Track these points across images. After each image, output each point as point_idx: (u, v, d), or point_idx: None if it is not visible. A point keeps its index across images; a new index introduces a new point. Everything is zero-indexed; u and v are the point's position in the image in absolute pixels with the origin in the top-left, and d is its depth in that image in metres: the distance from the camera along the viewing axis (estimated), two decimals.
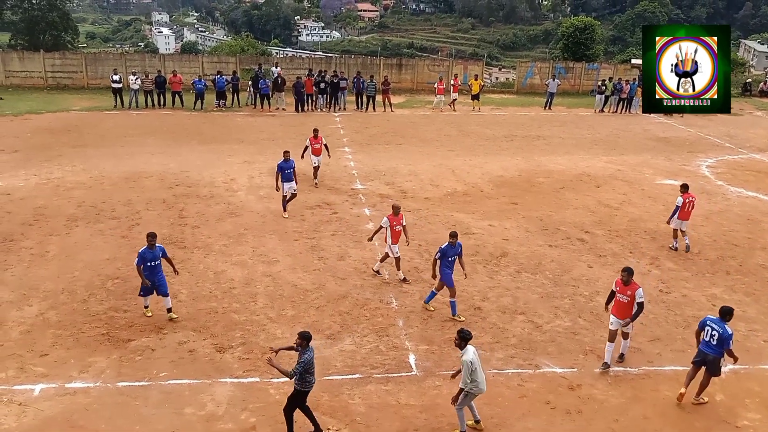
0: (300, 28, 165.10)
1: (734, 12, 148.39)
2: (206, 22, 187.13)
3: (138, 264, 11.32)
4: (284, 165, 16.22)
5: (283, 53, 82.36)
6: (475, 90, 31.96)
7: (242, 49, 42.14)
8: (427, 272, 13.71)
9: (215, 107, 29.80)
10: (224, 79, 29.91)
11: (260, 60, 35.73)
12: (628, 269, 10.50)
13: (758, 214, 18.04)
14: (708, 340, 9.49)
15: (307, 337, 8.65)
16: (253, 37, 58.99)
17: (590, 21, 45.69)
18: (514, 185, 19.97)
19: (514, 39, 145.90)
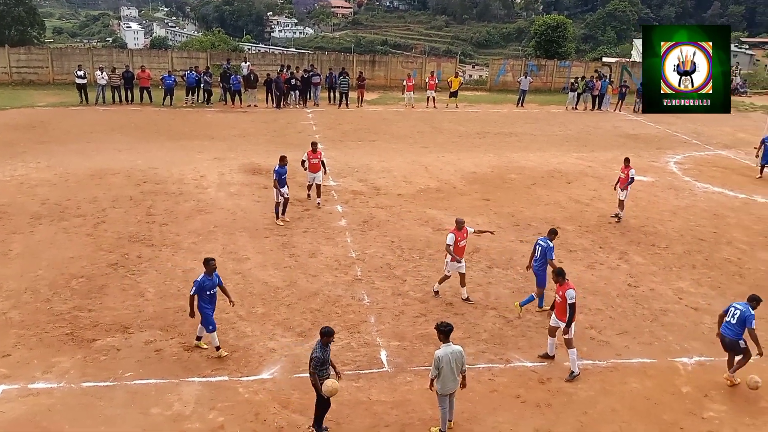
0: (273, 24, 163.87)
1: (703, 11, 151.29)
2: (176, 17, 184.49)
3: (194, 294, 10.18)
4: (281, 170, 15.52)
5: (255, 49, 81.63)
6: (455, 87, 32.08)
7: (213, 45, 41.73)
8: (399, 269, 13.74)
9: (185, 103, 29.37)
10: (194, 75, 29.50)
11: (230, 56, 35.39)
12: (559, 270, 10.37)
13: (724, 209, 18.38)
14: (729, 320, 9.94)
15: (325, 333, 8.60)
16: (225, 32, 58.44)
17: (562, 19, 46.13)
18: (486, 182, 20.05)
19: (488, 37, 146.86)
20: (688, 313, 12.47)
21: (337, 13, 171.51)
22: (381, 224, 16.14)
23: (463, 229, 12.26)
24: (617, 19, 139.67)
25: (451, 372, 8.64)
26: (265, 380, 9.96)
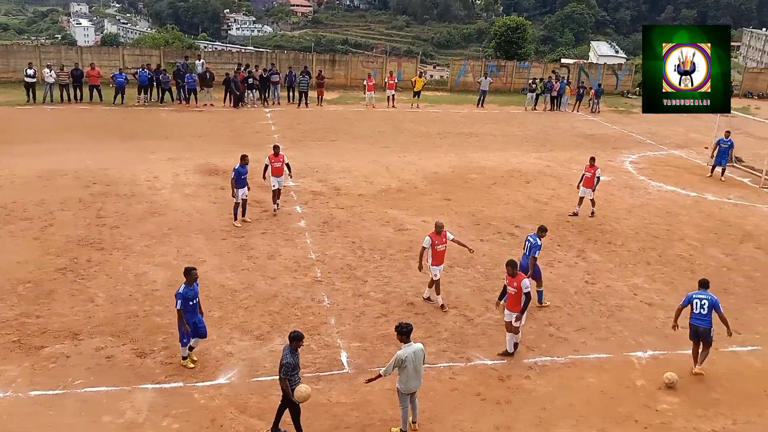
0: (230, 22, 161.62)
1: (656, 15, 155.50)
2: (129, 13, 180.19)
3: (180, 307, 9.70)
4: (241, 170, 15.12)
5: (211, 47, 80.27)
6: (418, 87, 32.18)
7: (167, 42, 40.90)
8: (359, 269, 13.64)
9: (137, 102, 28.70)
10: (146, 73, 28.83)
11: (186, 53, 34.76)
12: (510, 262, 10.59)
13: (676, 207, 18.83)
14: (698, 312, 10.32)
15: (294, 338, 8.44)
16: (179, 29, 57.35)
17: (521, 21, 46.81)
18: (447, 181, 20.12)
19: (449, 37, 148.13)
20: (642, 309, 12.71)
21: (297, 11, 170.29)
22: (341, 225, 16.01)
23: (442, 233, 11.94)
24: (575, 21, 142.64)
25: (414, 371, 8.61)
26: (221, 385, 9.74)
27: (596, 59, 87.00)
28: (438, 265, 12.02)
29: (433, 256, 11.96)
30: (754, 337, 11.91)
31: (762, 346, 11.60)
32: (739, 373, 10.77)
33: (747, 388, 10.34)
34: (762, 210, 18.99)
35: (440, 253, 11.99)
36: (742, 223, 17.72)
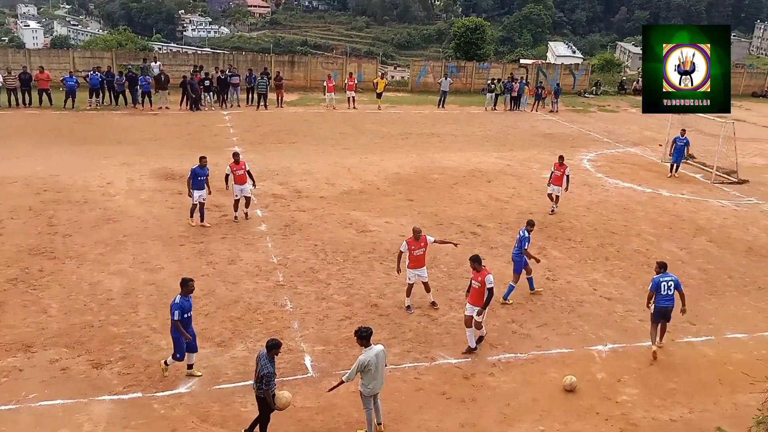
0: (185, 23, 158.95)
1: (611, 16, 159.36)
2: (79, 15, 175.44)
3: (177, 318, 9.39)
4: (199, 171, 15.03)
5: (166, 49, 78.63)
6: (380, 88, 32.22)
7: (120, 44, 40.01)
8: (322, 272, 13.54)
9: (89, 106, 28.01)
10: (98, 76, 28.14)
11: (140, 55, 34.12)
12: (474, 257, 10.80)
13: (633, 203, 19.26)
14: (666, 293, 10.94)
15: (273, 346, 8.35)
16: (133, 31, 56.16)
17: (481, 22, 47.28)
18: (409, 182, 20.15)
19: (409, 38, 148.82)
20: (602, 303, 12.94)
21: (254, 12, 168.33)
22: (303, 228, 15.87)
23: (421, 238, 11.90)
24: (533, 22, 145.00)
25: (379, 372, 8.60)
26: (182, 394, 9.53)
27: (554, 59, 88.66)
28: (415, 269, 12.01)
29: (410, 260, 11.98)
30: (708, 327, 12.26)
31: (715, 336, 11.95)
32: (694, 363, 11.06)
33: (702, 378, 10.62)
34: (713, 205, 19.58)
35: (418, 257, 11.97)
36: (695, 218, 18.22)
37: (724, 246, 16.24)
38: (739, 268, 14.97)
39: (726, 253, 15.84)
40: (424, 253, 12.03)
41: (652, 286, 11.10)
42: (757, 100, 40.39)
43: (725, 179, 22.14)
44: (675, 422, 9.49)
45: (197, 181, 15.06)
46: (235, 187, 15.61)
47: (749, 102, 39.30)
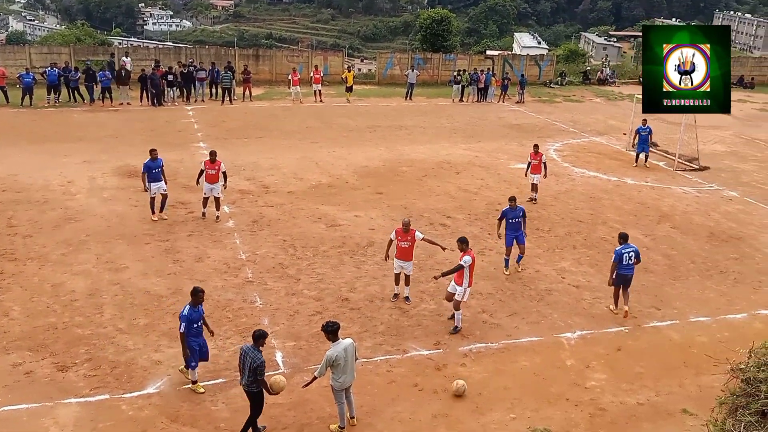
0: (145, 17, 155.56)
1: (575, 6, 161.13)
2: (35, 9, 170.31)
3: (184, 331, 9.09)
4: (151, 164, 15.02)
5: (126, 43, 76.91)
6: (350, 82, 32.03)
7: (78, 39, 38.95)
8: (292, 268, 13.44)
9: (47, 103, 27.29)
10: (55, 72, 27.39)
11: (101, 50, 33.28)
12: (460, 238, 11.55)
13: (599, 192, 19.55)
14: (627, 263, 11.83)
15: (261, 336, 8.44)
16: (91, 25, 54.75)
17: (446, 13, 47.31)
18: (378, 175, 20.11)
19: (375, 30, 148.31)
20: (570, 291, 13.13)
21: (217, 5, 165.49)
22: (272, 223, 15.72)
23: (410, 231, 11.93)
24: (498, 13, 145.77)
25: (349, 366, 8.59)
26: (151, 395, 9.38)
27: (520, 50, 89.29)
28: (400, 260, 12.06)
29: (397, 251, 12.05)
30: (672, 311, 12.53)
31: (680, 320, 12.22)
32: (660, 347, 11.29)
33: (668, 361, 10.85)
34: (676, 191, 20.00)
35: (403, 249, 11.98)
36: (659, 205, 18.59)
37: (687, 232, 16.61)
38: (701, 253, 15.33)
39: (689, 238, 16.20)
40: (410, 247, 12.02)
41: (616, 258, 11.84)
42: None
43: (687, 166, 22.63)
44: (642, 405, 9.69)
45: (152, 174, 15.03)
46: (206, 185, 15.38)
47: None
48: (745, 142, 27.42)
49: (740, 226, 17.19)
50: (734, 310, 12.71)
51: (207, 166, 15.25)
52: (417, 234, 12.07)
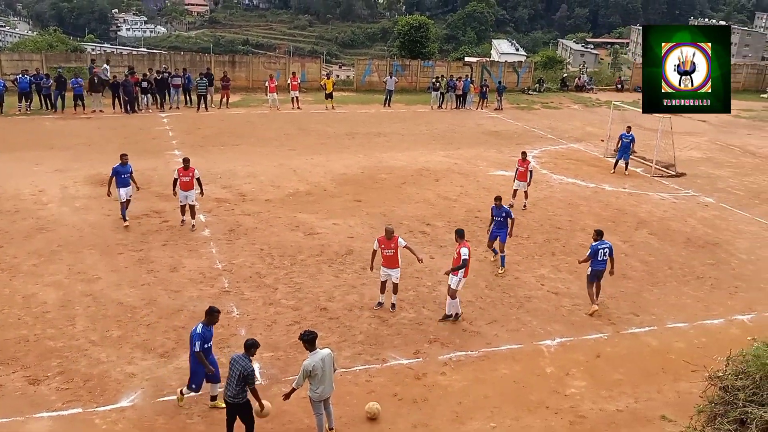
0: (119, 23, 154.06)
1: (552, 13, 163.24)
2: (6, 15, 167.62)
3: (199, 350, 8.86)
4: (121, 169, 15.10)
5: (99, 49, 75.86)
6: (329, 89, 31.88)
7: (50, 46, 38.37)
8: (269, 277, 13.27)
9: (18, 110, 26.80)
10: (26, 79, 26.88)
11: (73, 57, 32.75)
12: (457, 231, 12.13)
13: (577, 198, 19.66)
14: (601, 259, 12.40)
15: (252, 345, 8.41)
16: (64, 32, 54.02)
17: (424, 20, 47.48)
18: (357, 182, 20.01)
19: (353, 37, 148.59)
20: (549, 298, 13.14)
21: (192, 11, 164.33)
22: (249, 232, 15.52)
23: (393, 238, 11.88)
24: (476, 20, 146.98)
25: (326, 377, 8.46)
26: (124, 408, 9.17)
27: (498, 57, 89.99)
28: (388, 268, 12.00)
29: (383, 259, 12.00)
30: (651, 317, 12.59)
31: (657, 326, 12.29)
32: (639, 353, 11.33)
33: (646, 367, 10.89)
34: (654, 198, 20.19)
35: (388, 257, 11.92)
36: (637, 211, 18.75)
37: (664, 238, 16.76)
38: (678, 259, 15.47)
39: (666, 244, 16.34)
40: (394, 254, 11.93)
41: (591, 253, 12.40)
42: None
43: (664, 172, 22.90)
44: (621, 412, 9.69)
45: (121, 179, 15.10)
46: (180, 193, 15.19)
47: None
48: (720, 149, 27.84)
49: (716, 232, 17.39)
50: (711, 316, 12.81)
51: (180, 173, 15.05)
52: (400, 241, 12.03)
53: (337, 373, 8.83)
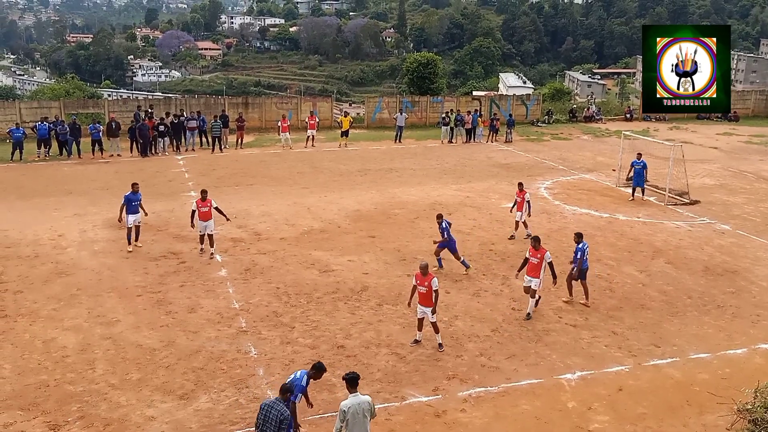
0: (134, 68, 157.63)
1: (558, 46, 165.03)
2: (25, 64, 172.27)
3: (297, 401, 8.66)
4: (132, 197, 16.54)
5: (116, 95, 77.59)
6: (345, 126, 32.29)
7: (67, 93, 39.35)
8: (286, 316, 13.28)
9: (37, 157, 27.39)
10: (46, 126, 27.50)
11: (90, 103, 33.51)
12: (534, 237, 13.80)
13: (591, 228, 19.55)
14: (586, 257, 14.08)
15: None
16: (81, 78, 55.43)
17: (432, 56, 48.13)
18: (370, 219, 20.10)
19: (362, 75, 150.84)
20: (568, 331, 13.00)
21: (205, 55, 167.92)
22: (264, 271, 15.60)
23: (428, 275, 11.86)
24: (483, 55, 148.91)
25: (358, 424, 8.17)
26: None
27: (505, 90, 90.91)
28: (422, 306, 11.96)
29: (419, 296, 12.04)
30: (672, 349, 12.40)
31: (680, 357, 12.09)
32: (662, 386, 11.13)
33: (670, 400, 10.68)
34: (669, 226, 20.07)
35: (422, 295, 11.90)
36: (652, 240, 18.63)
37: (681, 267, 16.61)
38: (697, 288, 15.29)
39: (684, 273, 16.18)
40: (427, 292, 11.81)
41: (579, 255, 13.90)
42: (702, 122, 41.94)
43: (678, 200, 22.80)
44: None
45: (132, 206, 16.46)
46: (199, 223, 16.11)
47: (694, 124, 40.82)
48: (733, 175, 27.72)
49: (734, 260, 17.21)
50: (734, 346, 12.60)
51: (199, 204, 16.01)
52: (434, 282, 11.85)
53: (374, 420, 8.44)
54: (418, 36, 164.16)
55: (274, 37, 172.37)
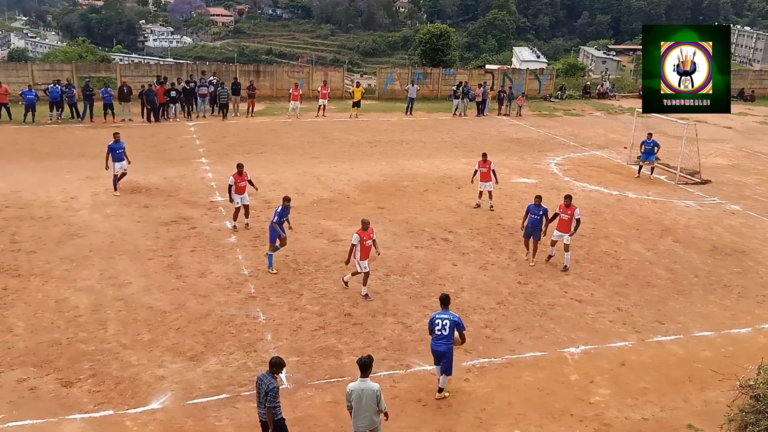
0: (146, 33, 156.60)
1: (573, 20, 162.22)
2: (37, 27, 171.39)
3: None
4: (114, 146, 17.88)
5: (127, 60, 77.23)
6: (357, 97, 32.14)
7: (80, 56, 39.29)
8: (294, 283, 13.45)
9: (50, 119, 27.46)
10: (58, 89, 27.54)
11: (102, 67, 33.44)
12: (567, 195, 14.80)
13: (601, 206, 19.57)
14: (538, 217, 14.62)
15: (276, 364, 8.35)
16: (92, 42, 55.26)
17: (445, 28, 47.55)
18: (379, 190, 20.15)
19: (374, 45, 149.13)
20: (573, 305, 13.11)
21: (217, 21, 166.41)
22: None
23: (369, 229, 12.79)
24: (497, 28, 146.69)
25: (362, 409, 8.20)
26: (155, 410, 9.37)
27: (519, 64, 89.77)
28: (365, 260, 12.81)
29: (362, 252, 12.71)
30: (676, 326, 12.50)
31: (683, 335, 12.20)
32: (664, 362, 11.26)
33: (672, 376, 10.82)
34: (678, 205, 20.02)
35: (368, 248, 12.78)
36: (661, 219, 18.61)
37: (689, 246, 16.62)
38: (704, 267, 15.33)
39: (691, 252, 16.21)
40: (372, 244, 12.83)
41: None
42: None
43: (689, 180, 22.68)
44: (647, 421, 9.65)
45: (116, 154, 17.77)
46: (236, 197, 15.80)
47: None
48: (747, 156, 27.49)
49: (743, 240, 17.20)
50: (738, 325, 12.69)
51: (236, 179, 15.68)
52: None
53: (373, 410, 8.24)
54: (432, 7, 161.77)
55: (287, 5, 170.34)
